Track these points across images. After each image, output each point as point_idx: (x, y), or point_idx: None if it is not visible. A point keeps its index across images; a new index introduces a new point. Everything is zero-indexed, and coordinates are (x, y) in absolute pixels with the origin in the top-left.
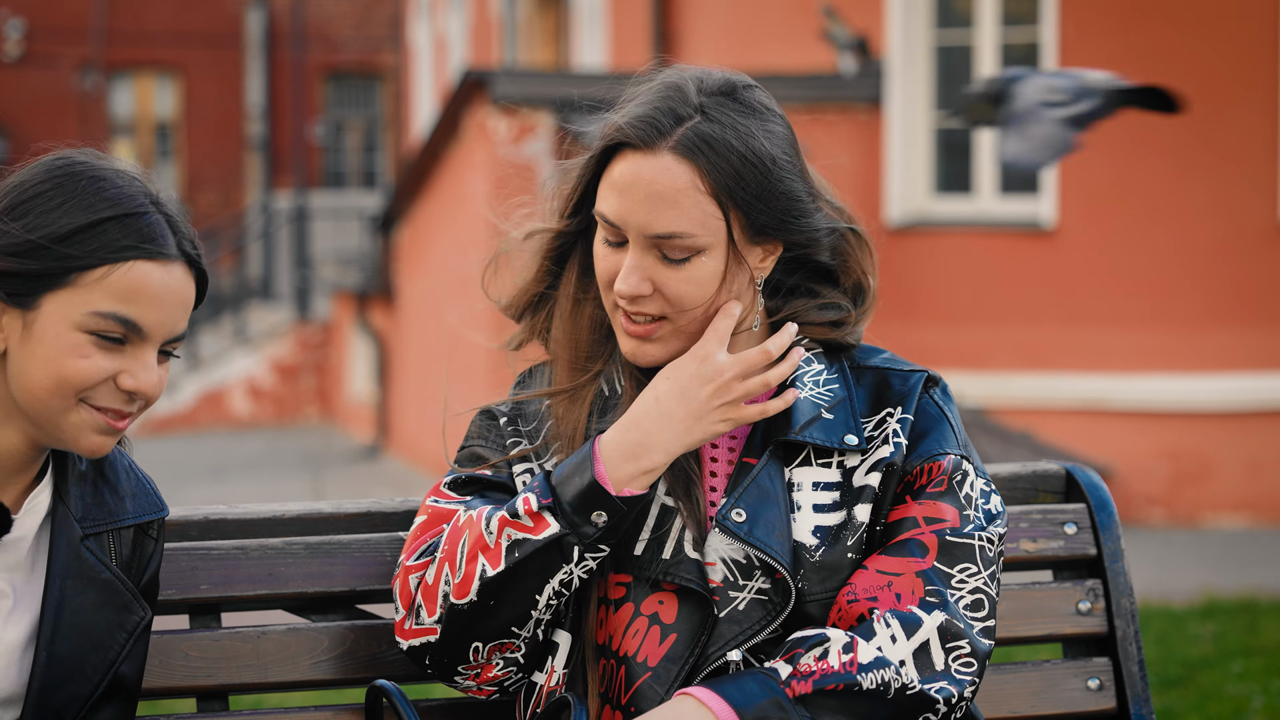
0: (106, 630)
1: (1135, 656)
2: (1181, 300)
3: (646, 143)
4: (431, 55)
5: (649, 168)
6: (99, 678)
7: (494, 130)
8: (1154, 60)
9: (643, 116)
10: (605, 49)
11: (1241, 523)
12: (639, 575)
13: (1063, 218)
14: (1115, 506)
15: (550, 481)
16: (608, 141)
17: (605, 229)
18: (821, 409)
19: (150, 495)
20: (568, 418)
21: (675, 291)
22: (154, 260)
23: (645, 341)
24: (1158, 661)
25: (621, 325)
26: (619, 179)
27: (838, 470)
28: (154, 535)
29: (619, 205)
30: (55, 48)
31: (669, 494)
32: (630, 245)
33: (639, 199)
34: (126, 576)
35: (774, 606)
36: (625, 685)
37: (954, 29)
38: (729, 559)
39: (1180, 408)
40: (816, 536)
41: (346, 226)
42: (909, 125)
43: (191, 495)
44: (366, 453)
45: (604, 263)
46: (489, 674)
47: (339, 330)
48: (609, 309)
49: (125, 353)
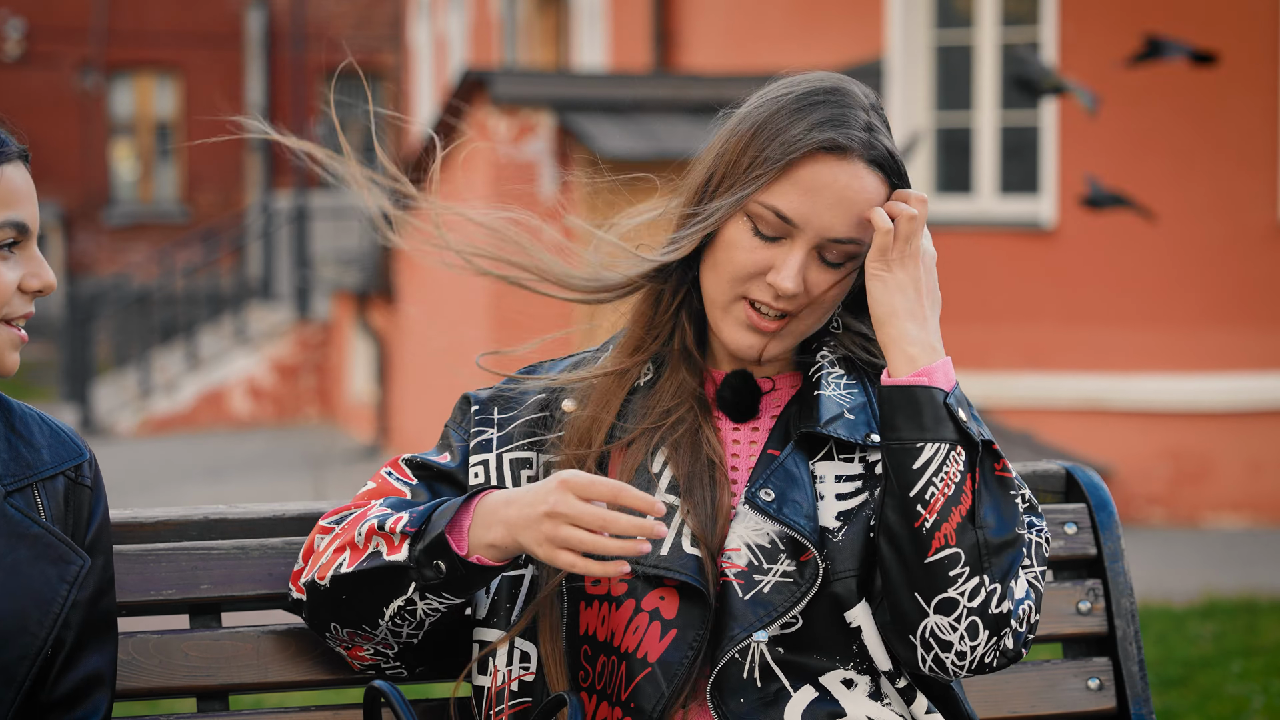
0: (46, 584)
1: (1135, 656)
2: (1181, 300)
3: (846, 149)
4: (431, 55)
5: (845, 174)
6: (45, 632)
7: (494, 130)
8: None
9: (831, 122)
10: (605, 49)
11: (1241, 523)
12: (639, 572)
13: (1063, 217)
14: (1115, 506)
15: (432, 511)
16: (805, 145)
17: (769, 223)
18: (844, 409)
19: (68, 443)
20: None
21: (824, 295)
22: (12, 163)
23: (768, 337)
24: (1158, 661)
25: (744, 319)
26: (810, 180)
27: (860, 464)
28: (87, 483)
29: (803, 204)
30: (55, 48)
31: (670, 491)
32: (795, 244)
33: (829, 202)
34: (64, 528)
35: (800, 587)
36: (625, 681)
37: (954, 29)
38: (753, 544)
39: (1180, 408)
40: (840, 520)
41: (346, 226)
42: (909, 125)
43: (191, 495)
44: (366, 453)
45: (749, 256)
46: (357, 653)
47: (339, 330)
48: (722, 299)
49: (19, 257)
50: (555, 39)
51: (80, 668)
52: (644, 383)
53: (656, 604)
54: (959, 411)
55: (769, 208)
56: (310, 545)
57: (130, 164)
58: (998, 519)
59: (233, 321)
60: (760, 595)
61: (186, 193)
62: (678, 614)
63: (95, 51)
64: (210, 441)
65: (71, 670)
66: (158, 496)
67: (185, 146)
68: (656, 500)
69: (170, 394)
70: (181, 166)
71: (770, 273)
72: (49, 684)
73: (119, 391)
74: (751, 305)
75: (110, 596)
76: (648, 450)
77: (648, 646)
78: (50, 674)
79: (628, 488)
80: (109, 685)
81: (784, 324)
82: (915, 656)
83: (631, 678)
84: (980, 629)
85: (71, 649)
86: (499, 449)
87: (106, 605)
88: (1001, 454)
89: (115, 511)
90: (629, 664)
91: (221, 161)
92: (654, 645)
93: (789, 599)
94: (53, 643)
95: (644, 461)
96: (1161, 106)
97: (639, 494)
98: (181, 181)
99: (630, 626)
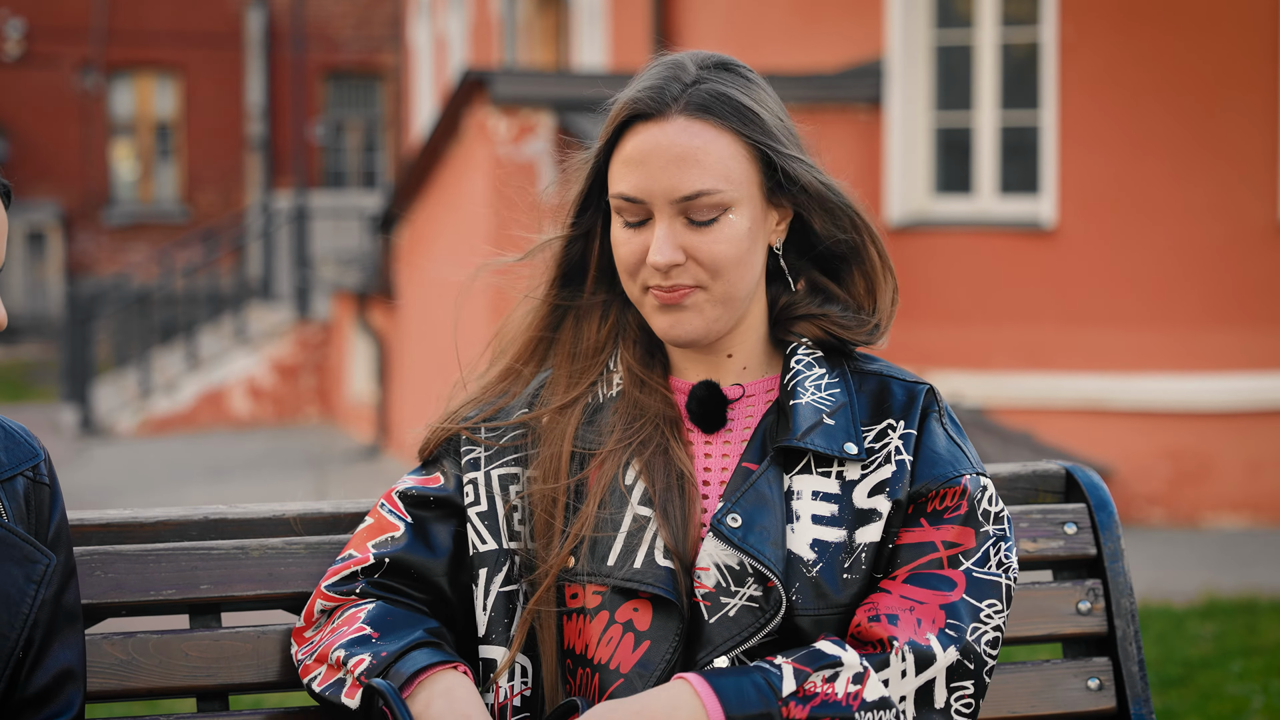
0: (14, 586)
1: (1135, 656)
2: (1181, 300)
3: (658, 110)
4: (431, 55)
5: (665, 133)
6: (16, 634)
7: (494, 130)
8: (1153, 60)
9: (647, 88)
10: (605, 49)
11: (1241, 523)
12: (612, 585)
13: (1063, 218)
14: (1115, 506)
15: (390, 664)
16: (618, 118)
17: (626, 209)
18: (823, 414)
19: (22, 443)
20: (554, 430)
21: (709, 254)
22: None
23: (680, 310)
24: (1158, 661)
25: (653, 304)
26: (635, 153)
27: (836, 481)
28: (45, 480)
29: (639, 177)
30: (55, 48)
31: (643, 503)
32: (656, 218)
33: (660, 165)
34: (27, 528)
35: (764, 614)
36: (599, 692)
37: (954, 29)
38: (722, 564)
39: (1180, 408)
40: (814, 550)
41: (346, 226)
42: (909, 125)
43: (191, 495)
44: (366, 453)
45: (626, 247)
46: None
47: (339, 330)
48: (635, 297)
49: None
50: (555, 39)
51: (49, 664)
52: (615, 393)
53: (630, 616)
54: None
55: (616, 196)
56: (310, 610)
57: (130, 164)
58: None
59: (233, 321)
60: (725, 619)
61: (186, 193)
62: (650, 626)
63: (95, 51)
64: (210, 441)
65: (41, 667)
66: (158, 496)
67: (185, 147)
68: None
69: (170, 394)
70: (181, 166)
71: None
72: (20, 684)
73: (119, 391)
74: (659, 290)
75: (73, 589)
76: (620, 465)
77: (620, 658)
78: (21, 674)
79: None
80: (80, 680)
81: (690, 293)
82: None
83: (605, 688)
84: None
85: (40, 646)
86: (487, 466)
87: (70, 599)
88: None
89: (115, 511)
90: (602, 675)
91: (221, 161)
92: (626, 656)
93: (752, 626)
94: (23, 643)
95: (616, 475)
96: (1161, 106)
97: None
98: (181, 181)
99: (604, 638)
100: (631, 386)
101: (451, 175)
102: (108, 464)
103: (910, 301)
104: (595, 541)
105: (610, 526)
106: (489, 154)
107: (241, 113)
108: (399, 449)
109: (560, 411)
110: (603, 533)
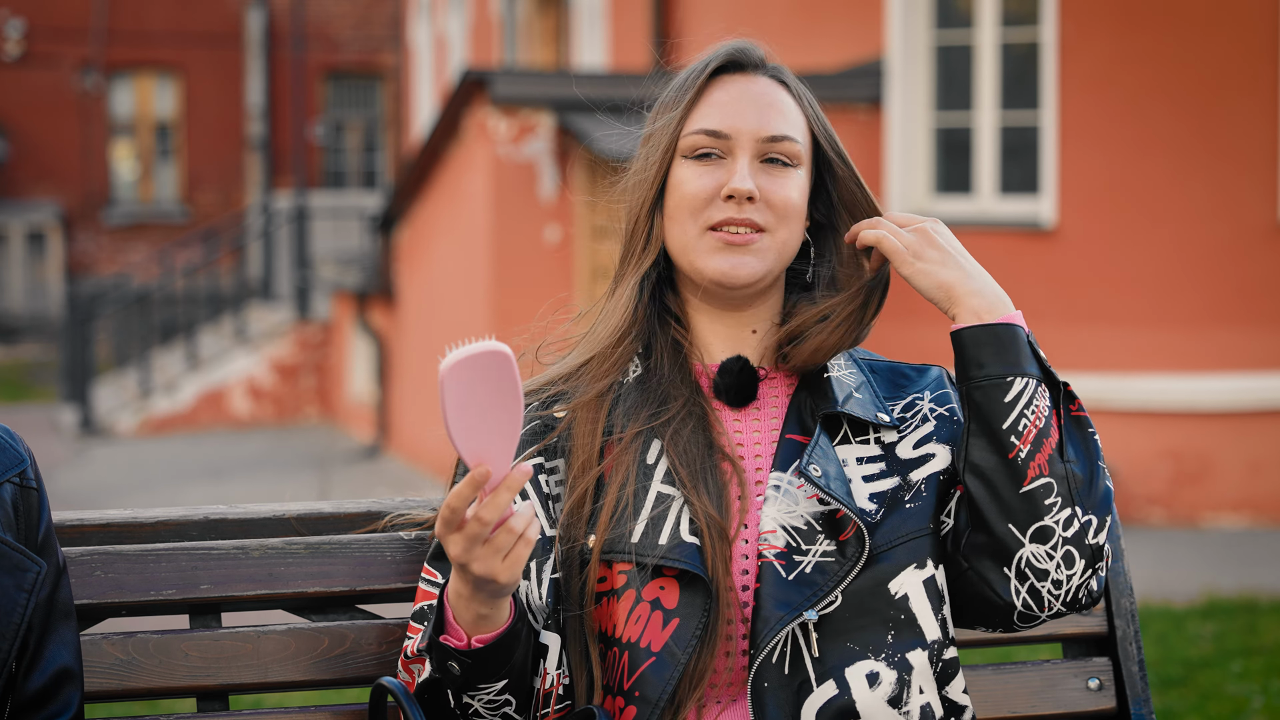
0: (4, 595)
1: (1135, 656)
2: (1182, 300)
3: (749, 64)
4: (431, 55)
5: (755, 83)
6: (8, 644)
7: (494, 130)
8: (1153, 60)
9: (736, 47)
10: (605, 49)
11: (1241, 523)
12: (638, 562)
13: (1063, 217)
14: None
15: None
16: (708, 68)
17: (706, 144)
18: (851, 389)
19: (8, 449)
20: (585, 419)
21: (781, 197)
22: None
23: (745, 253)
24: (1158, 661)
25: (714, 245)
26: (724, 97)
27: (877, 445)
28: (32, 484)
29: (727, 114)
30: (55, 48)
31: (666, 482)
32: (735, 153)
33: (749, 106)
34: (16, 535)
35: (844, 565)
36: (628, 671)
37: (954, 29)
38: (788, 525)
39: (1181, 408)
40: (874, 502)
41: (346, 226)
42: (909, 125)
43: (191, 495)
44: (366, 453)
45: (696, 183)
46: None
47: (339, 330)
48: (690, 241)
49: None
50: (555, 39)
51: (45, 665)
52: (633, 379)
53: (657, 594)
54: (1040, 351)
55: (697, 131)
56: (408, 668)
57: (130, 164)
58: (1080, 456)
59: (233, 321)
60: (803, 576)
61: (186, 193)
62: (679, 603)
63: (95, 51)
64: (210, 441)
65: (37, 668)
66: (158, 496)
67: (185, 147)
68: (485, 467)
69: (170, 394)
70: (181, 166)
71: (723, 189)
72: (17, 687)
73: (119, 391)
74: (720, 230)
75: (64, 587)
76: (643, 445)
77: (650, 636)
78: (16, 681)
79: (461, 490)
80: (78, 679)
81: (757, 238)
82: (1009, 589)
83: (635, 667)
84: (1076, 559)
85: (35, 647)
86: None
87: (63, 596)
88: (1075, 395)
89: (115, 511)
90: (632, 653)
91: (221, 161)
92: (656, 635)
93: (832, 578)
94: (16, 652)
95: (639, 456)
96: (1161, 106)
97: (477, 479)
98: (181, 181)
99: (632, 616)
100: (654, 370)
101: (451, 175)
102: (108, 464)
103: (910, 301)
104: (620, 521)
105: (635, 506)
106: (489, 154)
107: (241, 113)
108: (399, 449)
109: (594, 400)
110: (627, 512)
